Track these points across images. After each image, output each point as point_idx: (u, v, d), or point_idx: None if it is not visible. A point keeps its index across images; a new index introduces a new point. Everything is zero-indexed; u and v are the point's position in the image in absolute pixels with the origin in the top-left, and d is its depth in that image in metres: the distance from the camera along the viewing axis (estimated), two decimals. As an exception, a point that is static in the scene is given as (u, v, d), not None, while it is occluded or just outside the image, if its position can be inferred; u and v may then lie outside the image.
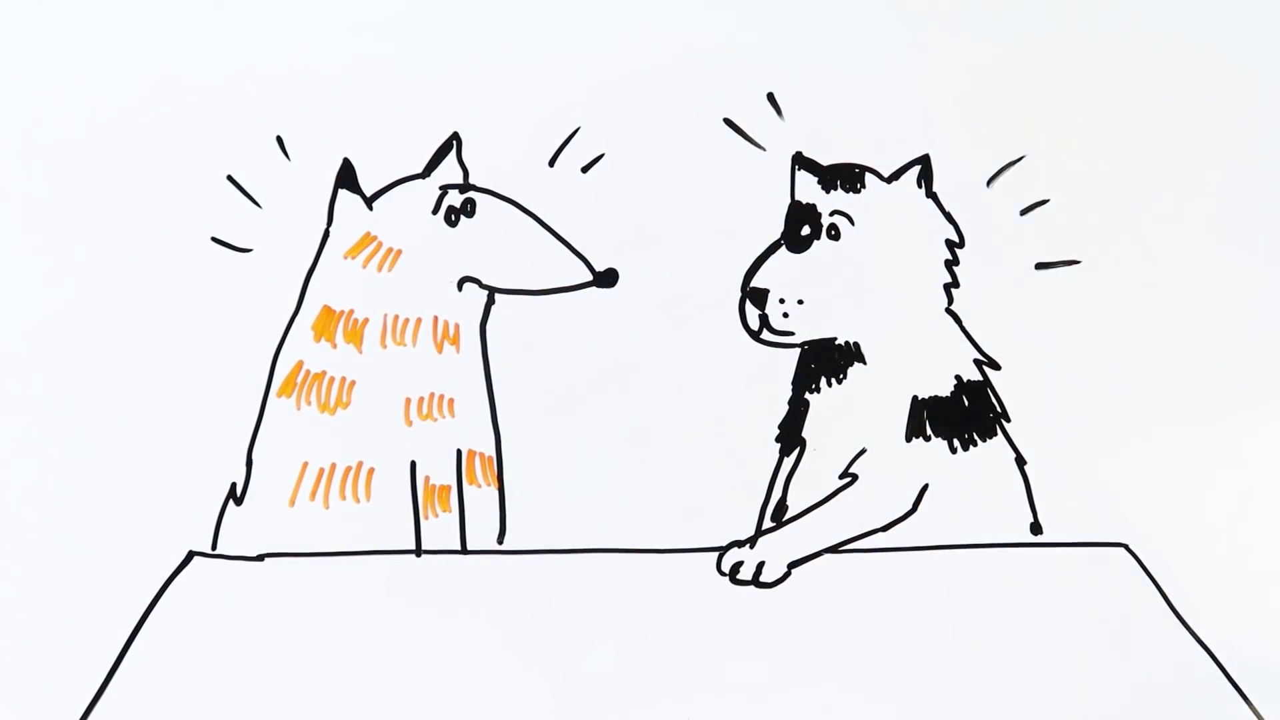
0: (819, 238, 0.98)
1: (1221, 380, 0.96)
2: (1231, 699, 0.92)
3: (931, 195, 0.99)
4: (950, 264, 0.98)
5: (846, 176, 0.98)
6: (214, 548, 0.94)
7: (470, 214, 0.98)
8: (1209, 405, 0.96)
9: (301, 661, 0.92)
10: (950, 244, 0.98)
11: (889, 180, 0.99)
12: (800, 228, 0.98)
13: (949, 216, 0.98)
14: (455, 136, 0.98)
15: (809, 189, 0.99)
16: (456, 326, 0.98)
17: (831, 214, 0.98)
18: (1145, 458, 0.95)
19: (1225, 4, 0.99)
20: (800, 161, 0.99)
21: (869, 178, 0.99)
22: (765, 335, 0.97)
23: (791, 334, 0.97)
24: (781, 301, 0.97)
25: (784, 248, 0.98)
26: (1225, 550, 0.95)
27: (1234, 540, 0.95)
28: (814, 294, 0.97)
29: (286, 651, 0.92)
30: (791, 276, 0.98)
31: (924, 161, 0.98)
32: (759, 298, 0.97)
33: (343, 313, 0.97)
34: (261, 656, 0.92)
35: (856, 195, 0.98)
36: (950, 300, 0.98)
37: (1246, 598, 0.94)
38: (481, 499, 0.96)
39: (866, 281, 0.98)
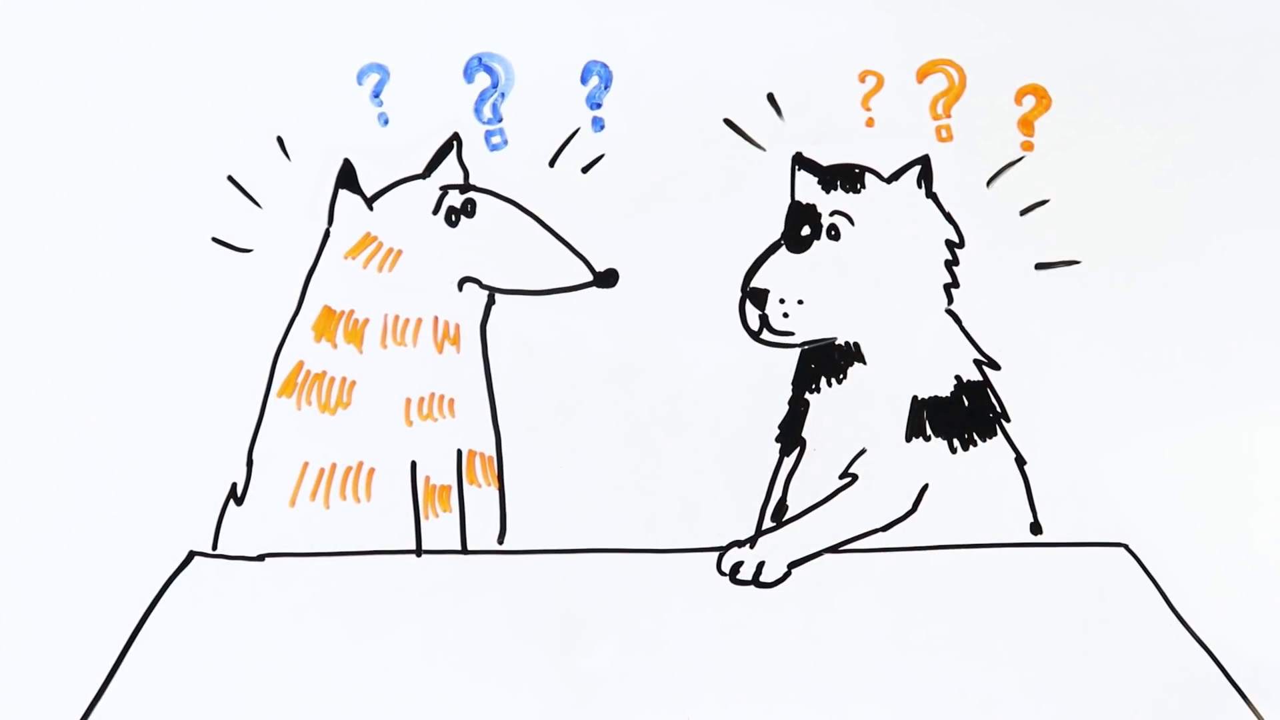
0: (819, 238, 0.98)
1: (1222, 380, 0.96)
2: (1231, 699, 0.92)
3: (931, 195, 0.98)
4: (950, 264, 0.98)
5: (846, 177, 0.98)
6: (214, 548, 0.94)
7: (471, 214, 0.98)
8: (1209, 405, 0.96)
9: (301, 661, 0.92)
10: (950, 244, 0.98)
11: (889, 180, 0.99)
12: (800, 228, 0.98)
13: (949, 216, 0.98)
14: (455, 137, 0.98)
15: (809, 189, 0.99)
16: (457, 326, 0.98)
17: (831, 214, 0.98)
18: (1145, 458, 0.96)
19: (1226, 4, 0.99)
20: (800, 161, 0.99)
21: (869, 178, 0.99)
22: (765, 335, 0.97)
23: (791, 334, 0.98)
24: (781, 301, 0.97)
25: (784, 248, 0.98)
26: (1225, 550, 0.95)
27: (1234, 540, 0.95)
28: (814, 294, 0.97)
29: (286, 651, 0.92)
30: (791, 276, 0.98)
31: (924, 161, 0.98)
32: (759, 298, 0.97)
33: (343, 313, 0.97)
34: (261, 656, 0.92)
35: (856, 195, 0.98)
36: (950, 300, 0.98)
37: (1246, 598, 0.94)
38: (481, 499, 0.96)
39: (866, 281, 0.98)
